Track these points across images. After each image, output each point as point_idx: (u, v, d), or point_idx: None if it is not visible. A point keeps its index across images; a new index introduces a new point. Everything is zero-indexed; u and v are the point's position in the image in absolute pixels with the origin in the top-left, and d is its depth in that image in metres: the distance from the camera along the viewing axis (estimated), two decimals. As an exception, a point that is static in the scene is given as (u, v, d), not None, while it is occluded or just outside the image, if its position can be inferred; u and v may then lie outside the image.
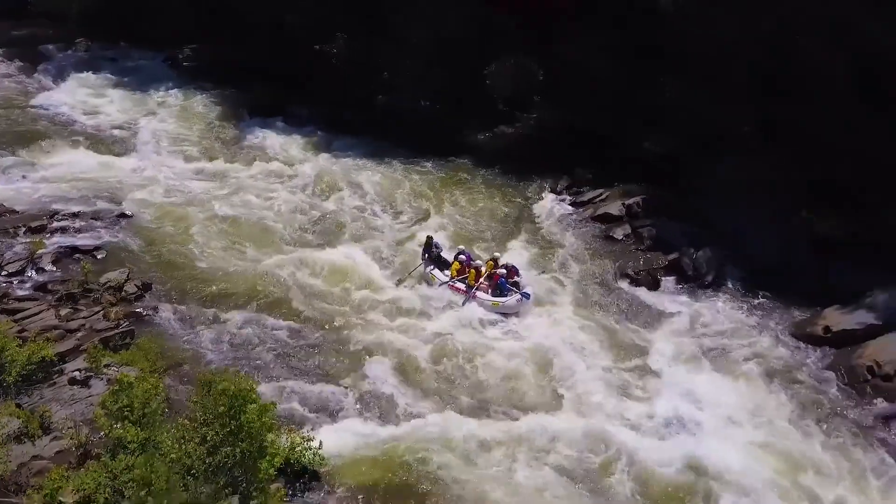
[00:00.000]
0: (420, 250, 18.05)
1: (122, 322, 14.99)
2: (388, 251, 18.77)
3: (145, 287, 16.45)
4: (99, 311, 15.24)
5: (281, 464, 10.87)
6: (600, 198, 20.87)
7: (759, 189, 19.00)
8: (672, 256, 18.20)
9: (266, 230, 19.55)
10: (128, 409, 9.83)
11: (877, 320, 14.98)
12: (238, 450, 9.73)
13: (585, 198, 21.04)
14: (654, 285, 17.64)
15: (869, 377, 13.92)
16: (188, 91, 30.09)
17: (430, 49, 25.73)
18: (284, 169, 23.37)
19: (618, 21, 22.40)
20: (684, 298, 17.24)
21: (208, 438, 9.73)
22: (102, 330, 14.52)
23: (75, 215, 19.31)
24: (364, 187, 22.19)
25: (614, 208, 20.23)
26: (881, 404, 13.56)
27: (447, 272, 17.32)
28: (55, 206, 19.52)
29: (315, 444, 11.46)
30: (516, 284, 16.60)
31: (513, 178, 22.98)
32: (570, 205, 21.08)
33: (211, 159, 24.14)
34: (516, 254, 18.75)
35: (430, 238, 17.96)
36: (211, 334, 14.97)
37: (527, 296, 16.27)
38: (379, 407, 13.50)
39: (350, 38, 27.16)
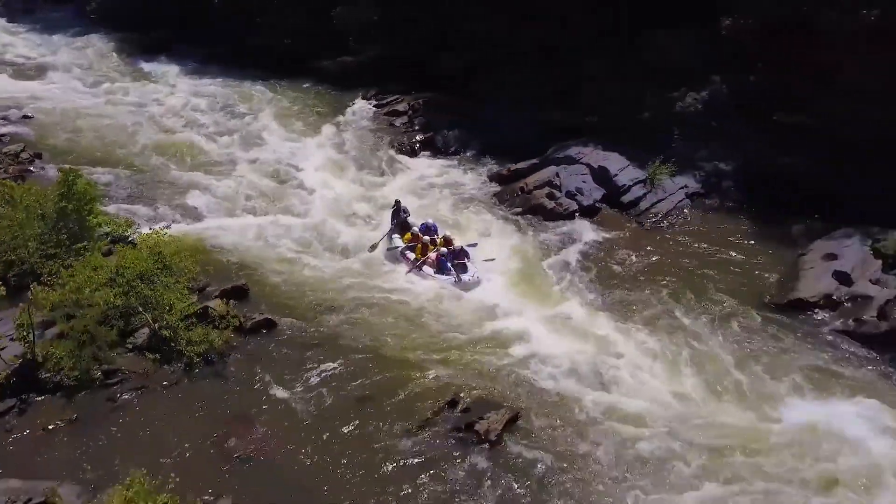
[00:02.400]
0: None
1: (16, 174, 21.48)
2: (222, 134, 25.46)
3: (36, 156, 22.93)
4: (0, 169, 21.71)
5: (108, 230, 17.51)
6: (396, 100, 27.83)
7: (522, 95, 25.79)
8: (429, 135, 25.23)
9: (137, 125, 26.07)
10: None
11: (538, 163, 22.19)
12: (70, 205, 16.40)
13: (385, 101, 27.97)
14: (412, 153, 24.70)
15: (519, 193, 21.18)
16: (92, 35, 36.44)
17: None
18: (159, 88, 29.85)
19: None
20: (429, 161, 24.32)
21: (55, 199, 16.41)
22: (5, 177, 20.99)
23: (-11, 117, 25.66)
24: (218, 98, 28.82)
25: (401, 106, 27.26)
26: (518, 203, 20.81)
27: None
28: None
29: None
30: (464, 266, 17.29)
31: (340, 91, 29.89)
32: (373, 106, 28.04)
33: (103, 83, 30.47)
34: (326, 133, 25.58)
35: (398, 202, 19.08)
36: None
37: (463, 278, 17.01)
38: (193, 216, 20.16)
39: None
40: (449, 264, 17.16)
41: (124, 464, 11.40)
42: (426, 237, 17.92)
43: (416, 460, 12.02)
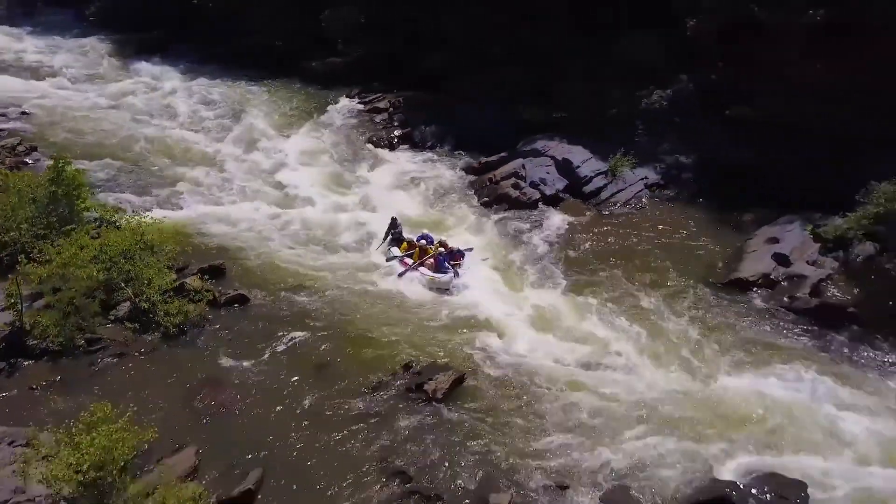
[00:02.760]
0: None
1: (12, 165, 22.71)
2: (212, 130, 26.69)
3: (32, 149, 24.15)
4: (-2, 161, 22.97)
5: (96, 216, 18.70)
6: (377, 98, 29.03)
7: (496, 92, 26.93)
8: (407, 130, 26.43)
9: (131, 121, 27.28)
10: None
11: (507, 156, 23.37)
12: (60, 190, 17.61)
13: (368, 99, 29.17)
14: (391, 147, 25.88)
15: (488, 183, 22.36)
16: (91, 37, 37.71)
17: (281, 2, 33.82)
18: (154, 87, 31.13)
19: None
20: (407, 154, 25.49)
21: (46, 184, 17.63)
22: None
23: (-10, 113, 26.94)
24: (210, 96, 30.06)
25: (382, 104, 28.44)
26: (487, 192, 21.99)
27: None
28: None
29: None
30: (460, 267, 17.93)
31: (326, 90, 30.99)
32: (357, 104, 29.20)
33: (99, 82, 31.75)
34: (310, 129, 26.79)
35: (394, 219, 19.40)
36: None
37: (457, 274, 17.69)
38: (179, 205, 21.34)
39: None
40: (447, 264, 17.78)
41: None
42: (423, 241, 18.66)
43: (369, 415, 13.17)
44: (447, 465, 12.10)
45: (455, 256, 18.14)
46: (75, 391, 13.49)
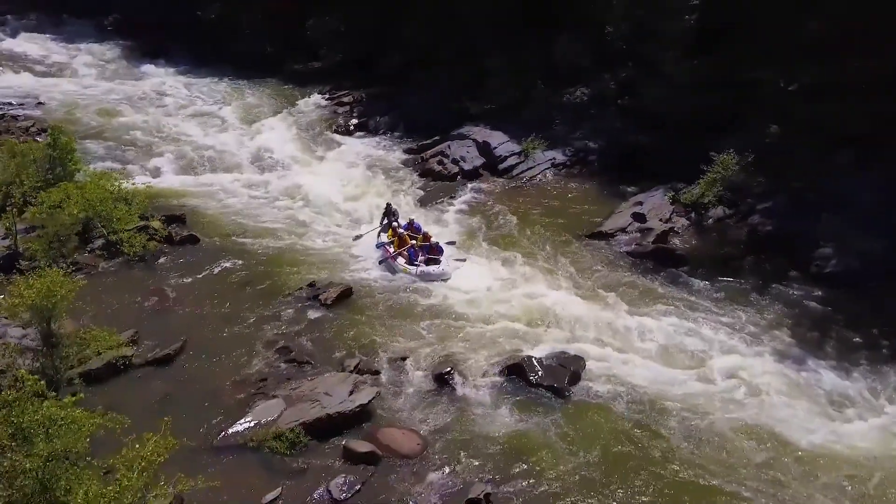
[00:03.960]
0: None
1: (24, 141, 27.20)
2: (197, 116, 31.12)
3: (42, 130, 28.59)
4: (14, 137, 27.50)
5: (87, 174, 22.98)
6: (344, 94, 33.32)
7: (440, 87, 31.09)
8: (363, 119, 30.63)
9: (132, 107, 31.81)
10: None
11: (439, 139, 27.41)
12: (55, 153, 21.92)
13: (336, 95, 33.47)
14: (348, 133, 30.08)
15: (419, 161, 26.43)
16: (106, 44, 42.53)
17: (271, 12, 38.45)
18: (154, 84, 35.76)
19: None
20: (362, 139, 29.66)
21: (44, 148, 21.99)
22: (14, 143, 26.75)
23: (10, 104, 31.63)
24: (200, 92, 34.60)
25: (347, 98, 32.75)
26: (418, 168, 26.11)
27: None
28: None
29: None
30: (437, 261, 19.34)
31: (303, 88, 35.32)
32: (326, 99, 33.51)
33: (108, 80, 36.49)
34: (281, 119, 31.07)
35: (389, 205, 21.33)
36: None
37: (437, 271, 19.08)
38: (157, 173, 25.63)
39: (223, 4, 39.86)
40: (416, 259, 19.33)
41: (70, 311, 16.64)
42: (406, 233, 20.12)
43: (272, 315, 17.19)
44: (321, 345, 16.04)
45: (434, 250, 19.56)
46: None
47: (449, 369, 14.90)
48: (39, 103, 32.02)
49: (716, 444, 13.49)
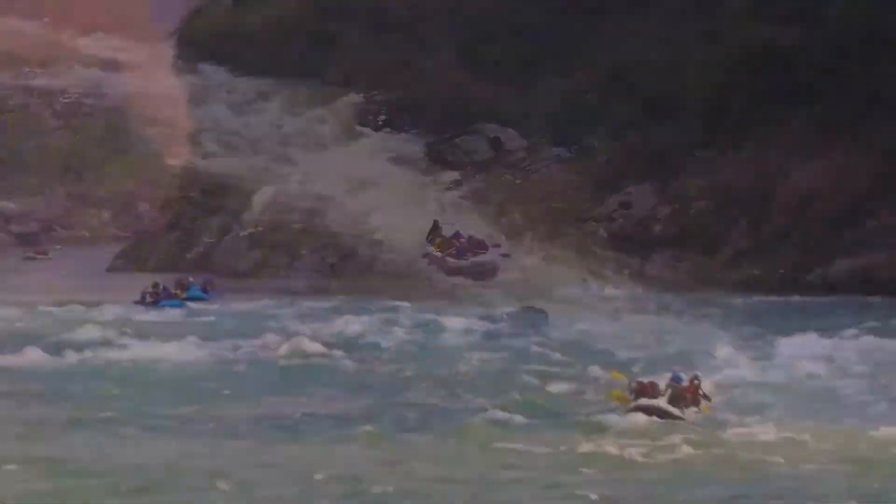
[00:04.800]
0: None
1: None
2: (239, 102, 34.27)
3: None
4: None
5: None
6: (377, 94, 36.09)
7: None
8: (391, 117, 33.33)
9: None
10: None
11: (454, 135, 29.88)
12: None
13: (369, 95, 36.27)
14: (375, 129, 32.77)
15: (436, 153, 28.93)
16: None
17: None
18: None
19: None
20: (387, 134, 32.30)
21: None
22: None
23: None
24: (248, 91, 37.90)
25: (380, 98, 35.44)
26: (433, 158, 28.58)
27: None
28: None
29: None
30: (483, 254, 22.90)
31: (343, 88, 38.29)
32: (361, 98, 36.31)
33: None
34: (317, 112, 33.98)
35: (436, 222, 24.18)
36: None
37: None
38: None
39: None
40: (465, 255, 22.86)
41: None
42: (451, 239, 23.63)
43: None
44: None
45: (478, 247, 23.36)
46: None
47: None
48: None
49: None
